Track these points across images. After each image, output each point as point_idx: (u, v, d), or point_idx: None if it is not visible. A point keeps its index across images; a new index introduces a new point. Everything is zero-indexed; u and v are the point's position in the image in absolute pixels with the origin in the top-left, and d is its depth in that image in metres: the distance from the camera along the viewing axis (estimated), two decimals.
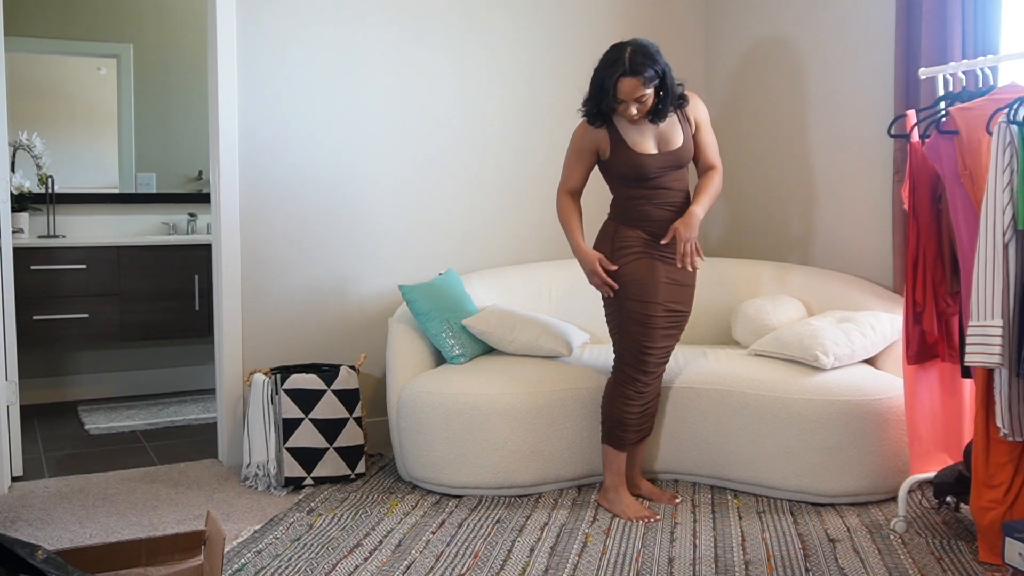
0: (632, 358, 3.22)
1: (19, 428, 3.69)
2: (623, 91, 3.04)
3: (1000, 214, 2.59)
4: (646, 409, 3.30)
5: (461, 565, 2.80)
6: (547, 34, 4.40)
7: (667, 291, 3.21)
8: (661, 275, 3.20)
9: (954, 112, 2.85)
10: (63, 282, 4.71)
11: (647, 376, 3.24)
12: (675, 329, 3.29)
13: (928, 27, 3.48)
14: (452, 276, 3.91)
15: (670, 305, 3.23)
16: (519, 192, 4.37)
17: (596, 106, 3.14)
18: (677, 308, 3.26)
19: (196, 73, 5.19)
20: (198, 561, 2.31)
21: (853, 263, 4.01)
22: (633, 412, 3.24)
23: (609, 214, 3.33)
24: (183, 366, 5.40)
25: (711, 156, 3.33)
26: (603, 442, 3.30)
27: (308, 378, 3.55)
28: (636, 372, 3.22)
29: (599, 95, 3.10)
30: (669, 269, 3.21)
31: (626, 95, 3.05)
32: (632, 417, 3.25)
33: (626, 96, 3.05)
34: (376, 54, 4.05)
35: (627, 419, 3.24)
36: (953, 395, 3.16)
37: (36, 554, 2.07)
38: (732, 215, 4.65)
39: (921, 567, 2.75)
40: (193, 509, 3.33)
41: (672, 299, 3.24)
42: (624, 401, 3.24)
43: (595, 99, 3.13)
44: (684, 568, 2.77)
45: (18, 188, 4.82)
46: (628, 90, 3.04)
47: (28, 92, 5.11)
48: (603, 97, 3.08)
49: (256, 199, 3.87)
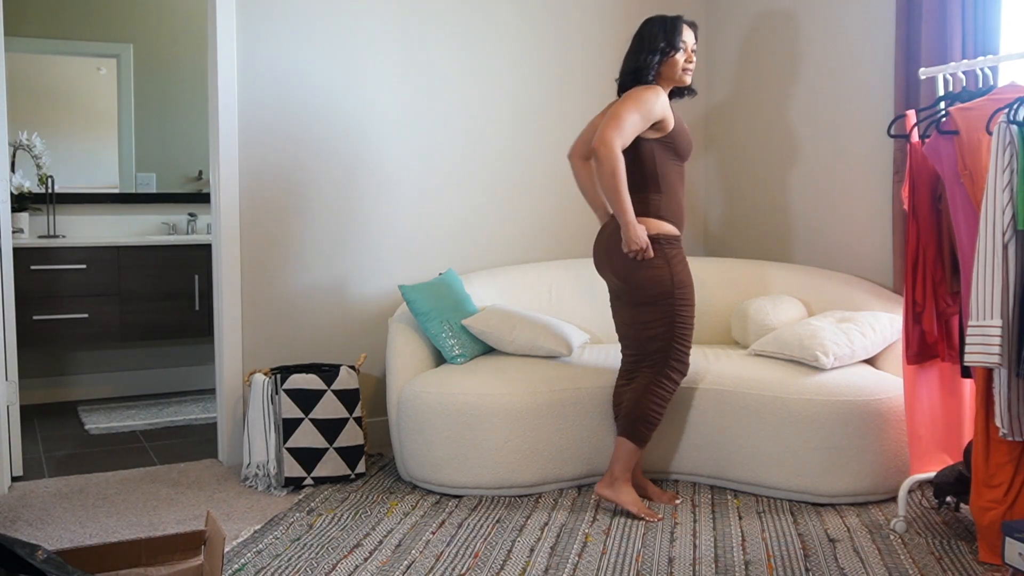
0: (678, 360, 3.24)
1: (19, 428, 3.70)
2: (686, 35, 3.19)
3: (1000, 214, 2.59)
4: None
5: (461, 565, 2.80)
6: (550, 34, 4.40)
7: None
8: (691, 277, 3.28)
9: (954, 112, 2.85)
10: (63, 282, 4.71)
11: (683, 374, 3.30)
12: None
13: (928, 27, 3.48)
14: (452, 276, 3.91)
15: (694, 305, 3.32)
16: (520, 192, 4.37)
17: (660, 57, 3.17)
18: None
19: (196, 73, 5.19)
20: (198, 561, 2.31)
21: (853, 263, 4.01)
22: (663, 411, 3.27)
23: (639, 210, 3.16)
24: (183, 366, 5.40)
25: None
26: (624, 436, 3.24)
27: (308, 378, 3.55)
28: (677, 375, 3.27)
29: (668, 43, 3.15)
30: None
31: (688, 39, 3.20)
32: (660, 416, 3.26)
33: (688, 40, 3.20)
34: (377, 54, 4.05)
35: (656, 418, 3.25)
36: (953, 395, 3.16)
37: (36, 554, 2.07)
38: (732, 215, 4.65)
39: (921, 567, 2.75)
40: (193, 509, 3.33)
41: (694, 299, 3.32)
42: (660, 402, 3.24)
43: (661, 50, 3.16)
44: (684, 568, 2.77)
45: (18, 188, 4.82)
46: (689, 36, 3.20)
47: (28, 92, 5.11)
48: (674, 37, 3.15)
49: (256, 199, 3.87)
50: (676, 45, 3.18)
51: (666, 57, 3.19)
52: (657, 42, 3.18)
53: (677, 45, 3.18)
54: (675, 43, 3.18)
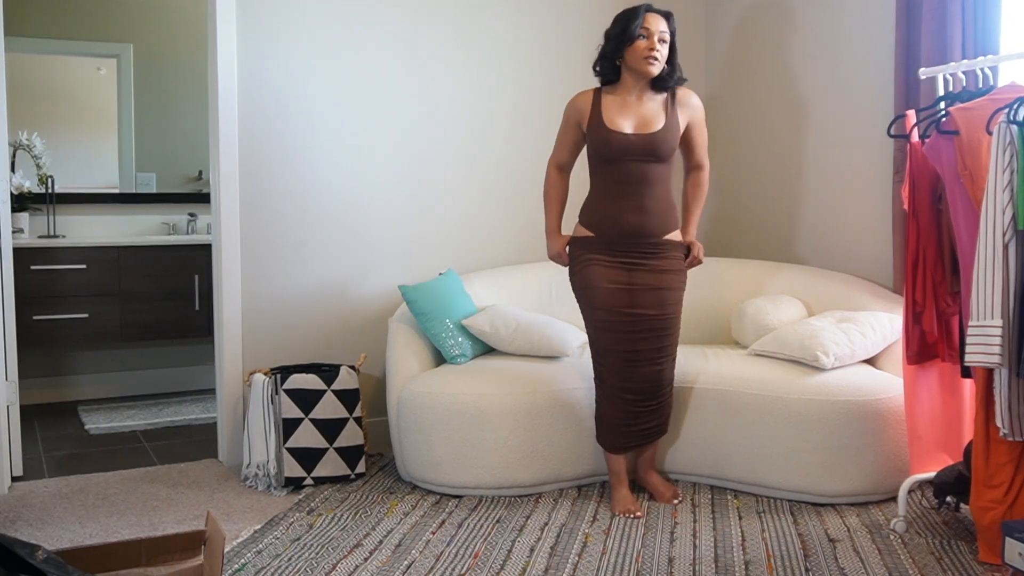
0: (596, 363, 3.29)
1: (19, 428, 3.70)
2: (649, 22, 3.14)
3: (1000, 214, 2.59)
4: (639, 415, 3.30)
5: (461, 565, 2.80)
6: (550, 33, 4.40)
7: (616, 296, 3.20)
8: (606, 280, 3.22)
9: (954, 112, 2.85)
10: (63, 282, 4.71)
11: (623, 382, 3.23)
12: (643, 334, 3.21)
13: (928, 27, 3.48)
14: (452, 276, 3.91)
15: (625, 310, 3.19)
16: (520, 192, 4.37)
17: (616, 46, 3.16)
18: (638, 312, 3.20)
19: (196, 73, 5.18)
20: (198, 561, 2.31)
21: (853, 263, 4.01)
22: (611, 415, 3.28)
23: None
24: (183, 366, 5.40)
25: (700, 154, 3.37)
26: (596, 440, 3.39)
27: (308, 378, 3.55)
28: (598, 379, 3.30)
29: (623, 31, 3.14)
30: (627, 275, 3.21)
31: (651, 26, 3.14)
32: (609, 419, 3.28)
33: (651, 26, 3.14)
34: (377, 54, 4.05)
35: (606, 420, 3.30)
36: (953, 395, 3.16)
37: (36, 554, 2.07)
38: (732, 215, 4.65)
39: (921, 567, 2.75)
40: (193, 509, 3.33)
41: (626, 304, 3.20)
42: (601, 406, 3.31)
43: (617, 38, 3.16)
44: (684, 568, 2.77)
45: (18, 188, 4.82)
46: (653, 23, 3.15)
47: (28, 92, 5.10)
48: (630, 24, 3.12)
49: (256, 199, 3.87)
50: (632, 33, 3.12)
51: (623, 47, 3.15)
52: (613, 30, 3.19)
53: (633, 33, 3.12)
54: (630, 31, 3.12)
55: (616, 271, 3.21)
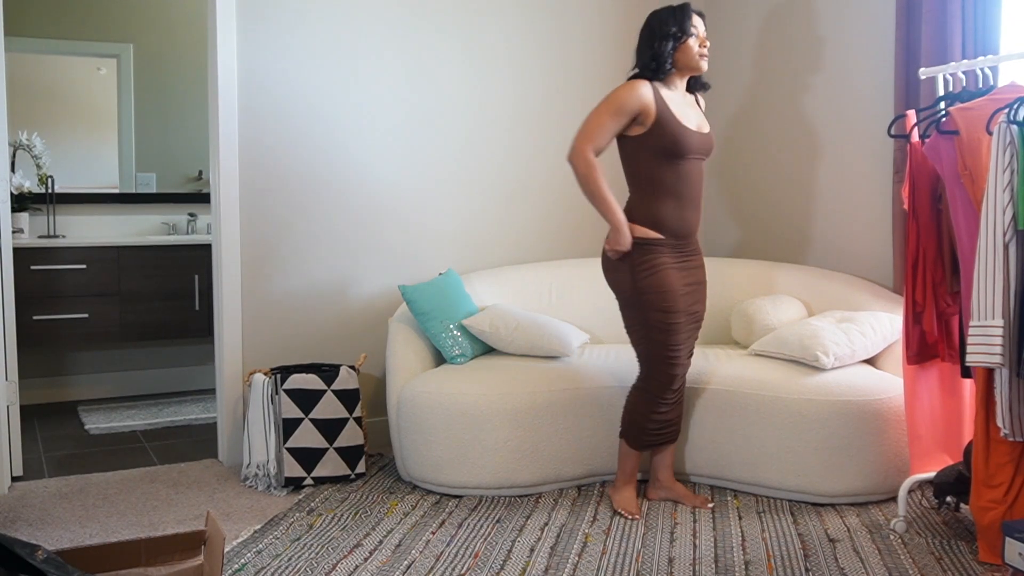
0: (658, 367, 3.18)
1: (19, 428, 3.69)
2: (696, 25, 3.13)
3: (1000, 214, 2.59)
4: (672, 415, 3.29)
5: (461, 565, 2.80)
6: (551, 34, 4.40)
7: (686, 298, 3.20)
8: (680, 282, 3.17)
9: (954, 112, 2.85)
10: (63, 282, 4.71)
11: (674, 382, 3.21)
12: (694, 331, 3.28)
13: (928, 27, 3.48)
14: (452, 276, 3.91)
15: (691, 310, 3.23)
16: (520, 192, 4.37)
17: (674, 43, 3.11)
18: (696, 310, 3.27)
19: (196, 73, 5.19)
20: (198, 561, 2.31)
21: (853, 263, 4.01)
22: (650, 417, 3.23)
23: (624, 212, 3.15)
24: (183, 366, 5.40)
25: None
26: (620, 436, 3.30)
27: (308, 378, 3.55)
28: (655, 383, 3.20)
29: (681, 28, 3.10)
30: (686, 274, 3.21)
31: (698, 25, 3.14)
32: (648, 421, 3.23)
33: (698, 25, 3.14)
34: (377, 54, 4.05)
35: (642, 422, 3.24)
36: (953, 395, 3.16)
37: (36, 554, 2.07)
38: (732, 215, 4.65)
39: (921, 567, 2.75)
40: (193, 509, 3.33)
41: (691, 304, 3.23)
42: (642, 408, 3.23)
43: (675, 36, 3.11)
44: (684, 568, 2.77)
45: (18, 188, 4.82)
46: (700, 25, 3.14)
47: (28, 92, 5.10)
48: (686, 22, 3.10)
49: (256, 199, 3.87)
50: (687, 30, 3.11)
51: (679, 43, 3.12)
52: (668, 28, 3.11)
53: (688, 30, 3.11)
54: (686, 28, 3.11)
55: (683, 272, 3.20)
